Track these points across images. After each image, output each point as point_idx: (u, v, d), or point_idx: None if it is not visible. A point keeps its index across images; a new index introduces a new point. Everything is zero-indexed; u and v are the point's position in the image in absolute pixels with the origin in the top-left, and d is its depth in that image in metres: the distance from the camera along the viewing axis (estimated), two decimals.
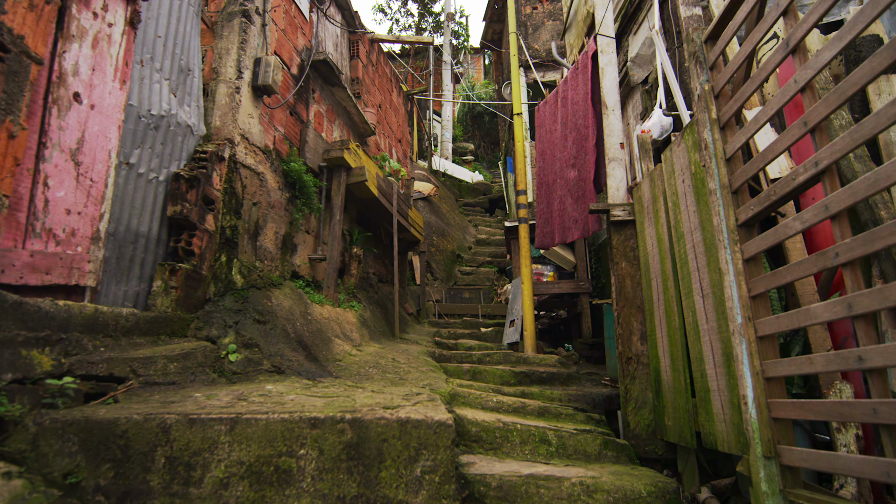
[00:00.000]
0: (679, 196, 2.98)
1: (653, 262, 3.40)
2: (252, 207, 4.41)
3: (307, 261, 5.39)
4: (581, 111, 4.60)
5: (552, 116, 5.44)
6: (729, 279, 2.31)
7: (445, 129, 20.90)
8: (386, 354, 4.95)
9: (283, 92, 5.07)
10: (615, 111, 4.15)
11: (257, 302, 4.10)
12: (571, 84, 4.86)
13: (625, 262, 3.69)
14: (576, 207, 4.66)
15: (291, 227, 5.05)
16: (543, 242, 5.50)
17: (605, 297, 7.40)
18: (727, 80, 2.44)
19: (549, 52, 12.99)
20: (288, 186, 5.01)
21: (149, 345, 2.92)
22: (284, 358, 3.70)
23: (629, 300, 3.62)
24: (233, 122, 4.18)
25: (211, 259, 3.80)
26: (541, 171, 5.65)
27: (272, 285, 4.56)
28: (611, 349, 4.84)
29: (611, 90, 4.20)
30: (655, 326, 3.35)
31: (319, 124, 5.96)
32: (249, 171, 4.38)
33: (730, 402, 2.45)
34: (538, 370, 5.07)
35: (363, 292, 6.82)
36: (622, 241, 3.73)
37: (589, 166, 4.38)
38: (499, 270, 12.25)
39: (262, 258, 4.53)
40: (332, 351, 4.46)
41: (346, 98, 6.49)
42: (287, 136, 5.13)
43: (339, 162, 5.56)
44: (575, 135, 4.69)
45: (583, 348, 6.86)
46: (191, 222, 3.58)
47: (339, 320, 5.13)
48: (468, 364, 5.29)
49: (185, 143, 3.77)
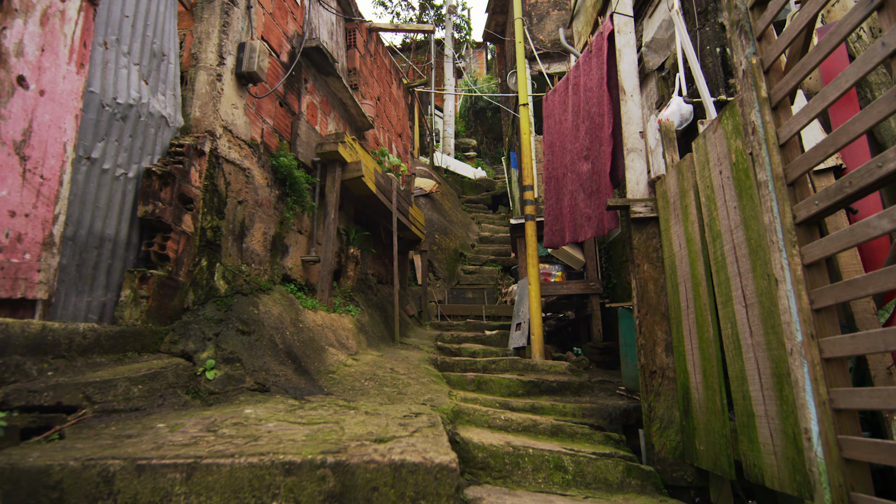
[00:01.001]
0: (715, 190, 2.60)
1: (680, 265, 3.03)
2: (237, 206, 4.05)
3: (300, 263, 5.03)
4: (595, 98, 4.21)
5: (562, 105, 5.06)
6: (785, 288, 1.94)
7: (447, 125, 20.52)
8: (384, 364, 4.59)
9: (272, 81, 4.70)
10: (634, 97, 3.77)
11: (242, 310, 3.74)
12: (584, 69, 4.47)
13: (647, 265, 3.32)
14: (589, 203, 4.28)
15: (282, 227, 4.69)
16: (552, 241, 5.13)
17: (616, 299, 7.03)
18: (781, 51, 2.06)
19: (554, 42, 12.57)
20: (277, 183, 4.65)
21: (111, 364, 2.57)
22: (270, 373, 3.35)
23: (652, 307, 3.25)
24: (214, 112, 3.81)
25: (189, 264, 3.45)
26: (549, 164, 5.28)
27: (260, 291, 4.20)
28: (626, 357, 4.47)
29: (629, 74, 3.82)
30: (684, 337, 2.98)
31: (312, 116, 5.59)
32: (234, 167, 4.02)
33: (782, 432, 2.08)
34: (547, 379, 4.71)
35: (361, 295, 6.46)
36: (644, 240, 3.36)
37: (604, 158, 4.00)
38: (503, 269, 11.89)
39: (248, 261, 4.17)
40: (325, 362, 4.10)
41: (341, 89, 6.12)
42: (276, 128, 4.77)
43: (334, 156, 5.19)
44: (588, 124, 4.31)
45: (593, 352, 6.50)
46: (165, 223, 3.22)
47: (333, 327, 4.77)
48: (472, 373, 4.93)
49: (159, 135, 3.40)
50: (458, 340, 6.89)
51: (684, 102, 4.86)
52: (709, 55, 4.70)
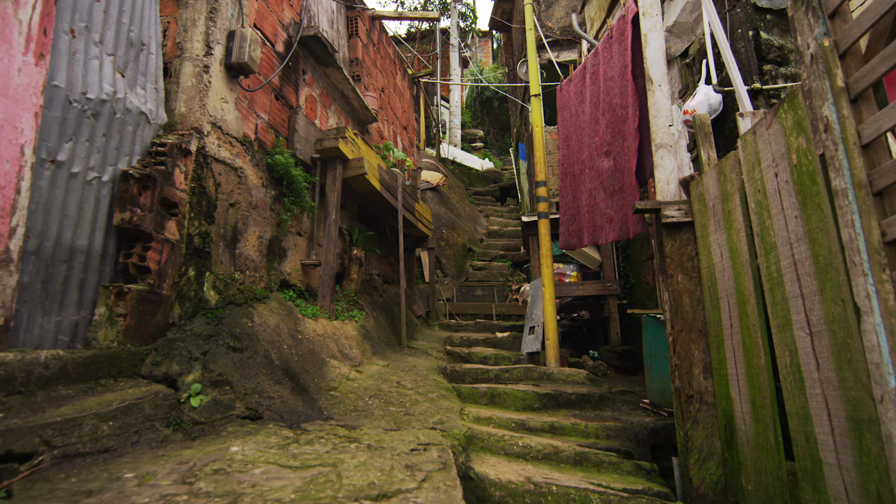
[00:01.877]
0: (768, 195, 2.25)
1: (722, 278, 2.68)
2: (229, 209, 3.73)
3: (299, 267, 4.72)
4: (617, 88, 3.84)
5: (578, 96, 4.68)
6: (872, 321, 1.59)
7: (454, 115, 20.10)
8: (390, 376, 4.29)
9: (266, 72, 4.36)
10: (662, 87, 3.40)
11: (235, 323, 3.44)
12: (604, 56, 4.09)
13: (681, 275, 2.97)
14: (610, 203, 3.93)
15: (279, 229, 4.37)
16: (569, 242, 4.78)
17: (634, 300, 6.68)
18: (864, 30, 1.69)
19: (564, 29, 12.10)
20: (273, 183, 4.32)
21: (79, 397, 2.27)
22: (264, 395, 3.05)
23: (688, 323, 2.91)
24: (201, 107, 3.48)
25: (174, 275, 3.14)
26: (565, 159, 4.91)
27: (255, 300, 3.90)
28: (651, 368, 4.14)
29: (656, 61, 3.45)
30: (726, 359, 2.64)
31: (312, 110, 5.25)
32: (224, 166, 3.69)
33: (862, 488, 1.74)
34: (566, 391, 4.38)
35: (366, 297, 6.16)
36: (677, 248, 3.01)
37: (629, 154, 3.64)
38: (512, 264, 11.55)
39: (242, 268, 3.86)
40: (325, 377, 3.80)
41: (342, 80, 5.76)
42: (272, 123, 4.43)
43: (334, 153, 4.85)
44: (609, 117, 3.94)
45: (611, 357, 6.16)
46: (145, 232, 2.91)
47: (336, 336, 4.47)
48: (485, 384, 4.62)
49: (138, 133, 3.08)
50: (469, 343, 6.57)
51: (713, 91, 4.47)
52: (740, 39, 4.30)
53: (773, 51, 4.25)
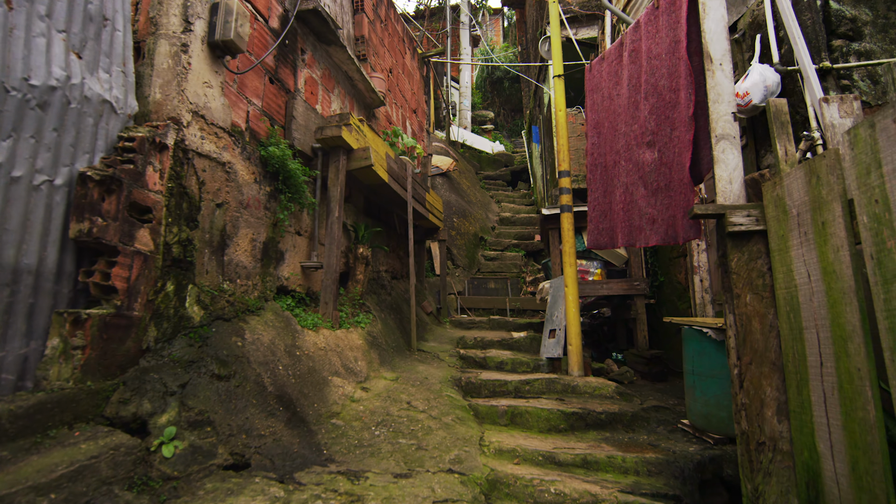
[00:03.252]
0: (893, 208, 1.73)
1: (808, 304, 2.17)
2: (215, 211, 3.26)
3: (298, 270, 4.25)
4: (665, 68, 3.29)
5: (612, 77, 4.12)
6: None
7: (464, 97, 19.43)
8: (399, 394, 3.84)
9: (258, 51, 3.84)
10: (724, 66, 2.85)
11: (222, 343, 2.99)
12: (647, 31, 3.53)
13: (750, 295, 2.46)
14: (653, 202, 3.40)
15: (274, 230, 3.89)
16: (598, 242, 4.27)
17: (663, 300, 6.17)
18: None
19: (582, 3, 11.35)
20: (268, 178, 3.84)
21: (17, 459, 1.83)
22: (252, 434, 2.61)
23: (758, 353, 2.41)
24: (179, 94, 2.99)
25: (148, 292, 2.68)
26: (595, 148, 4.37)
27: (247, 312, 3.45)
28: (695, 388, 3.65)
29: (717, 34, 2.89)
30: (811, 404, 2.15)
31: (312, 94, 4.73)
32: (209, 161, 3.21)
33: None
34: (594, 409, 3.93)
35: (373, 297, 5.70)
36: (745, 262, 2.49)
37: (680, 146, 3.09)
38: (526, 254, 11.04)
39: (232, 277, 3.40)
40: (327, 399, 3.36)
41: (346, 60, 5.22)
42: (266, 110, 3.93)
43: (337, 143, 4.35)
44: (654, 101, 3.39)
45: (638, 362, 5.69)
46: (108, 245, 2.44)
47: (339, 348, 4.02)
48: (504, 401, 4.16)
49: (101, 126, 2.60)
50: (483, 345, 6.12)
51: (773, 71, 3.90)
52: (806, 10, 3.70)
53: (845, 23, 3.66)
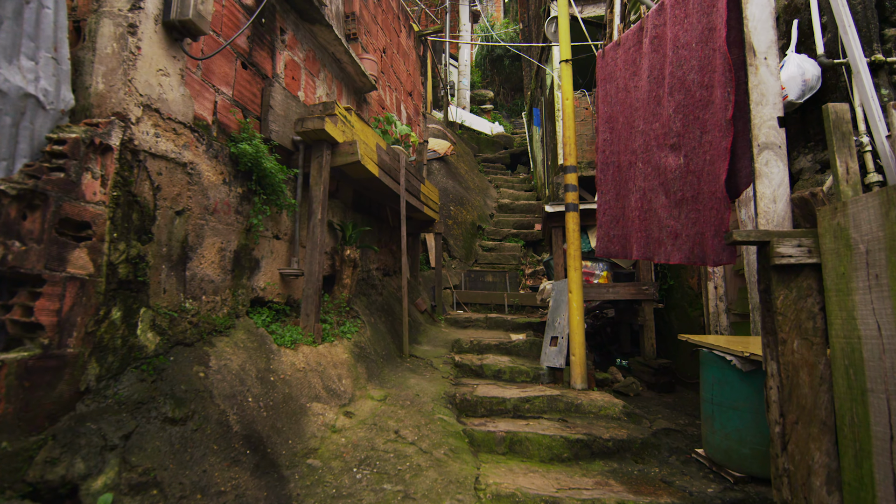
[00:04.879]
0: None
1: (876, 361, 1.79)
2: (174, 220, 2.83)
3: (277, 278, 3.84)
4: (696, 59, 2.83)
5: (630, 66, 3.66)
6: None
7: (462, 75, 18.77)
8: (387, 420, 3.47)
9: (229, 32, 3.36)
10: (769, 60, 2.41)
11: (180, 375, 2.60)
12: (674, 14, 3.06)
13: (797, 341, 2.07)
14: (676, 214, 2.99)
15: (248, 236, 3.47)
16: (609, 250, 3.87)
17: (673, 305, 5.80)
18: None
19: None
20: (240, 178, 3.40)
21: None
22: (210, 493, 2.23)
23: (806, 411, 2.04)
24: (126, 84, 2.53)
25: (87, 323, 2.28)
26: (607, 145, 3.94)
27: (215, 332, 3.05)
28: (713, 419, 3.29)
29: (762, 22, 2.44)
30: (875, 481, 1.78)
31: (294, 79, 4.25)
32: (166, 163, 2.77)
33: None
34: (600, 436, 3.59)
35: (362, 298, 5.31)
36: (793, 301, 2.10)
37: (713, 153, 2.66)
38: (525, 244, 10.65)
39: (196, 294, 2.99)
40: (304, 433, 2.99)
41: (333, 41, 4.72)
42: (238, 99, 3.47)
43: (320, 136, 3.89)
44: (681, 98, 2.95)
45: (644, 372, 5.35)
46: (29, 274, 2.03)
47: (321, 367, 3.64)
48: (503, 423, 3.82)
49: (24, 126, 2.16)
50: (480, 349, 5.77)
51: (810, 63, 3.45)
52: None
53: None
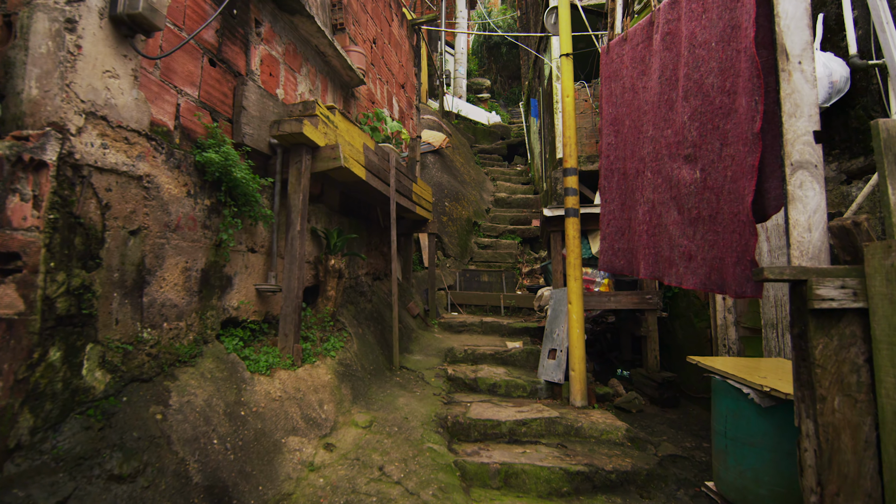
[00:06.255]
0: None
1: None
2: (128, 240, 2.51)
3: (253, 294, 3.53)
4: (716, 61, 2.50)
5: (638, 64, 3.33)
6: None
7: (459, 63, 18.33)
8: (371, 454, 3.19)
9: (192, 25, 3.00)
10: (804, 65, 2.09)
11: (134, 418, 2.31)
12: (691, 9, 2.72)
13: (839, 398, 1.79)
14: (690, 233, 2.68)
15: (218, 252, 3.15)
16: (613, 264, 3.57)
17: (677, 314, 5.52)
18: None
19: None
20: (207, 188, 3.07)
21: None
22: None
23: (849, 481, 1.75)
24: (64, 89, 2.19)
25: (18, 369, 1.97)
26: (611, 150, 3.62)
27: (178, 363, 2.75)
28: (727, 454, 3.02)
29: (796, 20, 2.11)
30: None
31: (271, 76, 3.90)
32: (116, 177, 2.44)
33: None
34: (602, 467, 3.34)
35: (350, 307, 5.01)
36: (834, 351, 1.80)
37: (736, 169, 2.35)
38: (522, 241, 10.35)
39: (156, 322, 2.68)
40: (276, 476, 2.70)
41: (316, 33, 4.36)
42: (205, 101, 3.12)
43: (298, 139, 3.56)
44: (698, 103, 2.62)
45: (647, 386, 5.08)
46: None
47: (300, 392, 3.34)
48: (497, 451, 3.55)
49: None
50: (474, 359, 5.49)
51: (842, 63, 3.13)
52: None
53: None
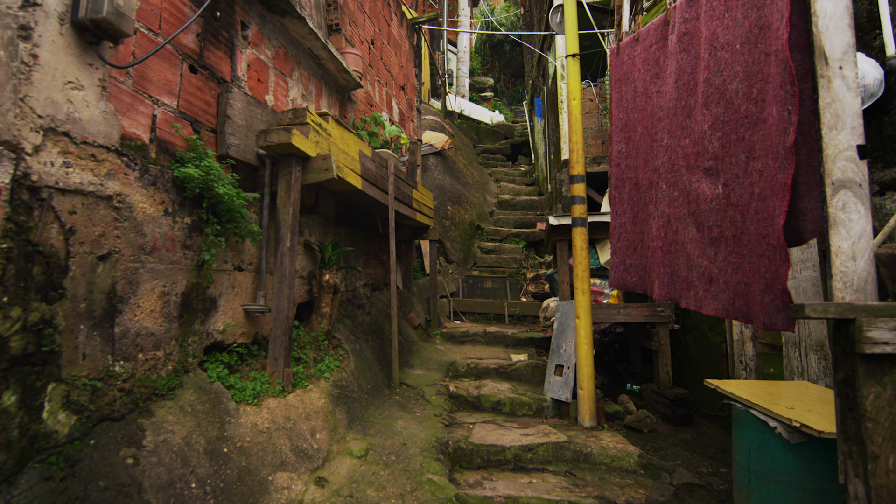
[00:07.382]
0: None
1: None
2: (97, 266, 2.30)
3: (241, 315, 3.32)
4: (741, 64, 2.26)
5: (652, 66, 3.09)
6: None
7: (461, 62, 18.08)
8: (366, 489, 2.97)
9: (169, 29, 2.78)
10: (846, 70, 1.85)
11: (100, 465, 2.09)
12: (711, 7, 2.48)
13: (894, 457, 1.55)
14: (710, 254, 2.45)
15: (200, 273, 2.93)
16: (625, 281, 3.34)
17: (690, 326, 5.27)
18: None
19: None
20: (187, 205, 2.85)
21: None
22: None
23: None
24: (17, 103, 1.97)
25: None
26: (622, 158, 3.38)
27: (155, 397, 2.54)
28: (750, 490, 2.78)
29: (836, 20, 1.87)
30: None
31: (260, 81, 3.68)
32: (81, 198, 2.23)
33: None
34: (614, 500, 3.11)
35: (347, 321, 4.80)
36: (888, 402, 1.57)
37: (765, 186, 2.11)
38: (526, 244, 10.11)
39: (130, 353, 2.47)
40: None
41: (308, 35, 4.13)
42: (185, 110, 2.90)
43: (287, 150, 3.34)
44: (720, 111, 2.38)
45: (659, 402, 4.84)
46: None
47: (291, 421, 3.13)
48: (501, 482, 3.33)
49: None
50: (477, 374, 5.27)
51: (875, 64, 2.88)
52: None
53: None
